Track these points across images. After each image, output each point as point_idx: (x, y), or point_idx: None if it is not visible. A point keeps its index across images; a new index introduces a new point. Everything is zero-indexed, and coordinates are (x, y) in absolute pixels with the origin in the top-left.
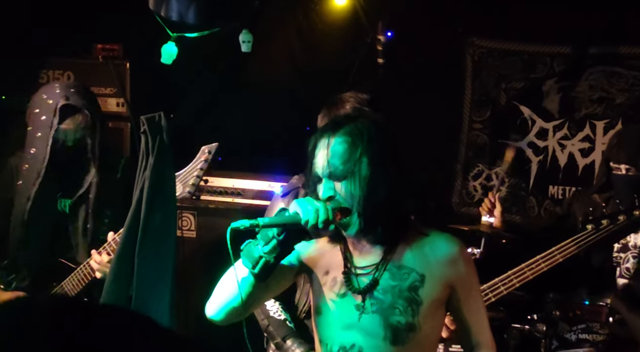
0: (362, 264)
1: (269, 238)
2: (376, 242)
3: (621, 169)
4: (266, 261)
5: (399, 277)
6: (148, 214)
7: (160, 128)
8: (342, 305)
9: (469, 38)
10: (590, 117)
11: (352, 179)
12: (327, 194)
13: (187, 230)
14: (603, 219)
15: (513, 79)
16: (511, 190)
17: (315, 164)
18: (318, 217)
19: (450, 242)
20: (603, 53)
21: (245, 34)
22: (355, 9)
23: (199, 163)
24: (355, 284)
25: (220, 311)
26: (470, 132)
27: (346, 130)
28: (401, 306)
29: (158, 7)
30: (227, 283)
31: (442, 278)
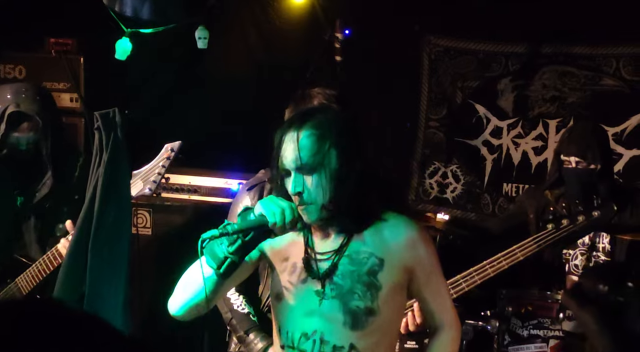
0: (322, 250)
1: (233, 239)
2: (339, 232)
3: (571, 162)
4: (231, 260)
5: (358, 262)
6: (102, 210)
7: (114, 124)
8: (303, 291)
9: (426, 36)
10: (543, 115)
11: (321, 171)
12: (297, 188)
13: (142, 227)
14: (563, 219)
15: (468, 78)
16: (466, 187)
17: (283, 157)
18: (285, 218)
19: (409, 225)
20: (556, 52)
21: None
22: (314, 6)
23: (162, 160)
24: (314, 269)
25: (183, 307)
26: (426, 130)
27: (314, 123)
28: (360, 290)
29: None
30: (190, 281)
31: (401, 262)
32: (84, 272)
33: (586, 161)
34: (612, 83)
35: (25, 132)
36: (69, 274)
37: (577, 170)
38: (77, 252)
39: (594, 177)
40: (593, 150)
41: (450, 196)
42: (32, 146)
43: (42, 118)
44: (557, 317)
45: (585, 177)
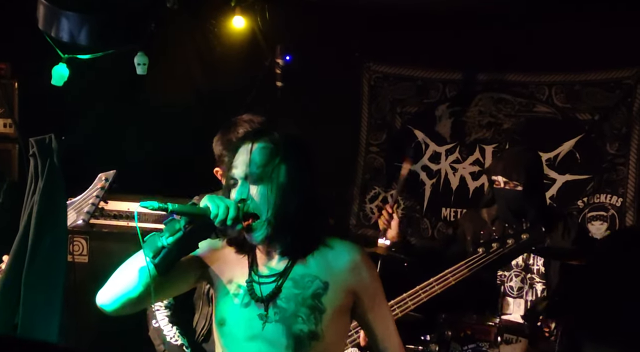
0: (266, 273)
1: (174, 230)
2: (282, 253)
3: (500, 182)
4: (168, 251)
5: (302, 285)
6: (36, 239)
7: (50, 151)
8: (246, 315)
9: (366, 63)
10: (479, 141)
11: (268, 183)
12: (241, 196)
13: (78, 255)
14: (493, 243)
15: (407, 104)
16: (406, 212)
17: (234, 167)
18: (228, 214)
19: (353, 249)
20: (491, 80)
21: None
22: (254, 32)
23: (95, 190)
24: (258, 292)
25: (115, 300)
26: (367, 155)
27: (269, 137)
28: (304, 314)
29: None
30: (125, 272)
31: (345, 285)
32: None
33: (512, 181)
34: (545, 110)
35: None
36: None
37: (504, 191)
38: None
39: (520, 198)
40: (518, 171)
41: None
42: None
43: None
44: (495, 340)
45: (511, 197)
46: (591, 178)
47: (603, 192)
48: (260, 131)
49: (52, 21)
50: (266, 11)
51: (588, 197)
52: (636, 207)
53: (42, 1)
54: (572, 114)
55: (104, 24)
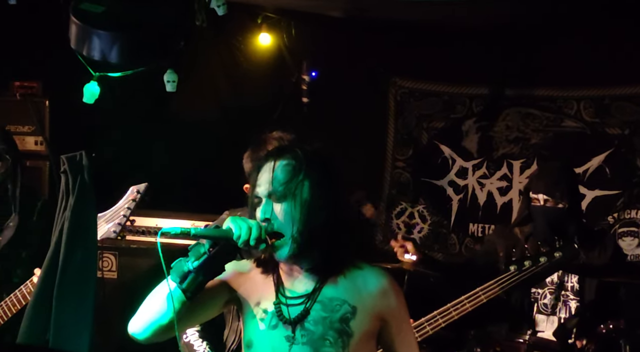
0: (293, 294)
1: (199, 254)
2: (309, 270)
3: (539, 200)
4: (195, 276)
5: (331, 308)
6: (68, 255)
7: (81, 167)
8: (273, 336)
9: (392, 78)
10: (507, 156)
11: (292, 200)
12: (265, 215)
13: (107, 271)
14: (526, 261)
15: (434, 119)
16: (433, 228)
17: (258, 185)
18: (250, 234)
19: (381, 275)
20: (519, 94)
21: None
22: (280, 48)
23: (127, 203)
24: (285, 314)
25: (146, 328)
26: (393, 171)
27: (291, 155)
28: (332, 337)
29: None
30: (155, 300)
31: (373, 310)
32: (48, 318)
33: (554, 200)
34: (574, 125)
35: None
36: (34, 319)
37: (545, 209)
38: (42, 297)
39: (561, 216)
40: (561, 189)
41: (417, 236)
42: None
43: (11, 157)
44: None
45: (552, 215)
46: (621, 193)
47: (634, 207)
48: (282, 149)
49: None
50: (292, 28)
51: (618, 212)
52: None
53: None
54: (602, 128)
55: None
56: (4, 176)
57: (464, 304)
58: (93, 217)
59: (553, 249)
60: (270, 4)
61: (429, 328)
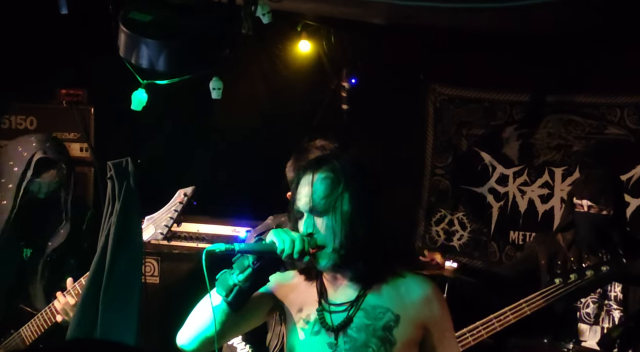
0: (336, 301)
1: (244, 267)
2: (352, 279)
3: (583, 206)
4: (240, 288)
5: (374, 316)
6: (113, 259)
7: (127, 174)
8: (315, 342)
9: (431, 85)
10: (548, 163)
11: (333, 214)
12: (308, 230)
13: (150, 276)
14: (571, 274)
15: (474, 126)
16: (473, 235)
17: (298, 199)
18: (294, 247)
19: (425, 283)
20: (560, 101)
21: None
22: (320, 56)
23: (175, 205)
24: (329, 321)
25: (193, 340)
26: (432, 178)
27: (329, 167)
28: (375, 345)
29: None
30: (201, 311)
31: (416, 319)
32: (95, 323)
33: (599, 206)
34: (617, 132)
35: (48, 178)
36: (80, 324)
37: (589, 215)
38: (88, 302)
39: (606, 223)
40: (607, 196)
41: (457, 243)
42: (51, 194)
43: (66, 165)
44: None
45: (596, 222)
46: None
47: None
48: (321, 160)
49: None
50: (332, 35)
51: None
52: None
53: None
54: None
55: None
56: (59, 183)
57: (507, 316)
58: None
59: (600, 262)
60: (310, 11)
61: (471, 339)
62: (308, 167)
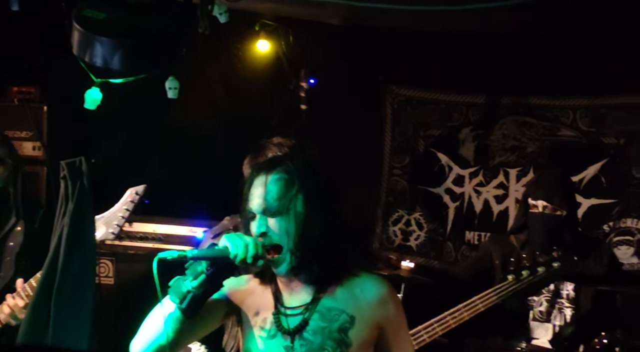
0: (292, 305)
1: (197, 273)
2: (308, 282)
3: (538, 207)
4: (194, 295)
5: (329, 318)
6: (67, 260)
7: (80, 173)
8: (272, 346)
9: (389, 86)
10: (503, 165)
11: (286, 215)
12: (260, 230)
13: (104, 276)
14: (524, 270)
15: (431, 127)
16: (429, 235)
17: (251, 200)
18: (247, 252)
19: (380, 284)
20: (515, 103)
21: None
22: (278, 56)
23: (126, 204)
24: (284, 324)
25: (146, 348)
26: (390, 178)
27: (283, 168)
28: (330, 347)
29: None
30: (154, 319)
31: (371, 320)
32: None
33: (553, 206)
34: (570, 134)
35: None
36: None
37: (544, 216)
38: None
39: (559, 224)
40: (561, 197)
41: (414, 243)
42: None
43: (13, 160)
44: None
45: (550, 222)
46: (617, 202)
47: (629, 216)
48: (274, 161)
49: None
50: (290, 35)
51: (614, 221)
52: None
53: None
54: (597, 138)
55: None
56: (6, 181)
57: (461, 313)
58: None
59: (552, 259)
60: (268, 11)
61: (426, 336)
62: (261, 168)
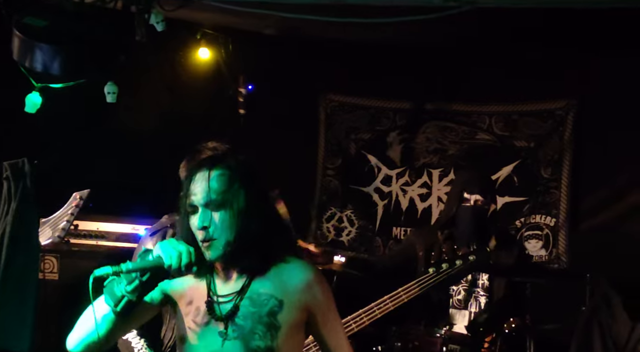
0: (224, 293)
1: (132, 278)
2: (241, 271)
3: (471, 200)
4: (128, 300)
5: (259, 303)
6: (9, 258)
7: (23, 174)
8: (206, 333)
9: (323, 92)
10: (427, 166)
11: (228, 209)
12: (203, 223)
13: (49, 272)
14: (443, 263)
15: (361, 131)
16: (360, 231)
17: (193, 194)
18: (181, 261)
19: (307, 269)
20: (437, 109)
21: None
22: (218, 63)
23: (70, 208)
24: (217, 311)
25: (79, 344)
26: (324, 178)
27: (225, 164)
28: (260, 331)
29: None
30: (88, 318)
31: (299, 303)
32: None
33: (485, 201)
34: (486, 137)
35: None
36: None
37: (474, 208)
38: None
39: (486, 217)
40: (492, 194)
41: (345, 239)
42: None
43: None
44: (440, 350)
45: (479, 215)
46: (527, 200)
47: (538, 213)
48: (216, 159)
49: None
50: (229, 44)
51: (525, 217)
52: (567, 227)
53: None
54: (510, 141)
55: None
56: None
57: (386, 303)
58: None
59: (468, 252)
60: (207, 21)
61: (355, 326)
62: (203, 165)
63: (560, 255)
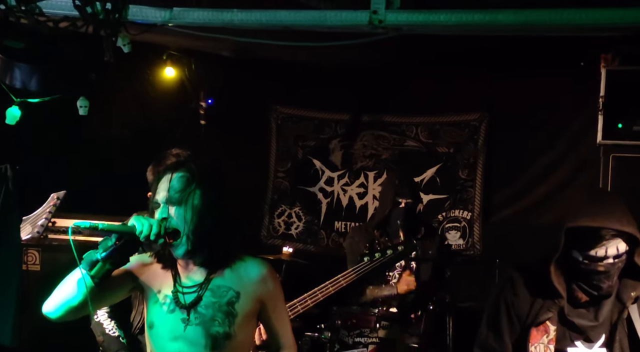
0: (188, 284)
1: (107, 246)
2: (201, 264)
3: (403, 203)
4: (102, 264)
5: (219, 294)
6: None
7: (6, 178)
8: (171, 319)
9: (273, 106)
10: (364, 168)
11: (185, 206)
12: (162, 216)
13: (32, 264)
14: (376, 253)
15: (307, 139)
16: (306, 225)
17: (157, 193)
18: (151, 230)
19: (261, 265)
20: (372, 120)
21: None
22: (182, 80)
23: (48, 207)
24: (182, 300)
25: (57, 308)
26: (275, 180)
27: (186, 168)
28: (220, 318)
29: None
30: (67, 284)
31: (254, 294)
32: None
33: (414, 202)
34: (413, 144)
35: None
36: None
37: (407, 208)
38: None
39: (415, 214)
40: (418, 196)
41: (294, 232)
42: None
43: None
44: (375, 326)
45: (411, 213)
46: (448, 197)
47: (457, 208)
48: (179, 163)
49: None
50: (192, 63)
51: (446, 212)
52: (481, 220)
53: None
54: (434, 147)
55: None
56: None
57: (327, 288)
58: (17, 220)
59: (397, 243)
60: (171, 44)
61: (300, 308)
62: (168, 168)
63: (475, 243)
